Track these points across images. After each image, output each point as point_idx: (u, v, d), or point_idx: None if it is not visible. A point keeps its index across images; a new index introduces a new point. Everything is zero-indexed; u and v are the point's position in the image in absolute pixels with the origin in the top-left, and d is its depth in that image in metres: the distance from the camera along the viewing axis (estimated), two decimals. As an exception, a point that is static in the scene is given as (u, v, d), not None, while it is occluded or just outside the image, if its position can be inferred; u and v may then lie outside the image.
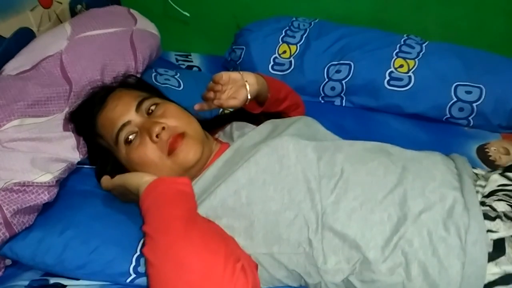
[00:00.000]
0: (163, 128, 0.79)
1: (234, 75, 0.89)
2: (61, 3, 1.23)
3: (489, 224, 0.68)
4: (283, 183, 0.74)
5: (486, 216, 0.69)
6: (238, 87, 0.88)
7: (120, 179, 0.78)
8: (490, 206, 0.71)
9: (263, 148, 0.77)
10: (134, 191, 0.74)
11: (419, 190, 0.73)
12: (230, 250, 0.65)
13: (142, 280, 0.77)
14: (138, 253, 0.79)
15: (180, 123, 0.83)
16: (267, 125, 0.91)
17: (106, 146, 0.86)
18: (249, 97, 0.88)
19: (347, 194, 0.74)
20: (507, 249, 0.66)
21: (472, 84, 1.23)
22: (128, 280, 0.78)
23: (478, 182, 0.76)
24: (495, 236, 0.67)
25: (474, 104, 1.22)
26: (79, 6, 1.31)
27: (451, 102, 1.23)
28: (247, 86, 0.88)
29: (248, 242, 0.73)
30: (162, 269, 0.62)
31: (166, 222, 0.66)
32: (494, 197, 0.73)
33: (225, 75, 0.88)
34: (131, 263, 0.78)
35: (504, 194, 0.73)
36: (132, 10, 1.26)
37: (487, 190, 0.75)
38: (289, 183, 0.74)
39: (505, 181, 0.75)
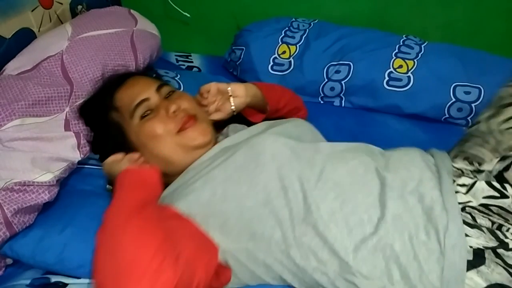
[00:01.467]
0: (179, 108, 0.85)
1: (222, 86, 0.92)
2: (61, 3, 1.24)
3: (468, 230, 0.68)
4: (258, 180, 0.74)
5: (465, 222, 0.68)
6: (225, 99, 0.92)
7: (107, 165, 0.83)
8: (471, 216, 0.70)
9: (242, 147, 0.79)
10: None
11: (398, 191, 0.73)
12: (168, 245, 0.65)
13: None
14: None
15: (195, 108, 0.88)
16: (260, 126, 0.92)
17: (117, 121, 0.88)
18: (233, 109, 0.91)
19: (327, 195, 0.73)
20: (487, 259, 0.65)
21: (471, 85, 1.23)
22: None
23: (461, 180, 0.74)
24: (475, 243, 0.66)
25: (473, 105, 1.22)
26: (79, 7, 1.31)
27: (450, 103, 1.23)
28: (231, 100, 0.91)
29: (224, 238, 0.74)
30: (98, 249, 0.66)
31: (116, 208, 0.70)
32: (478, 214, 0.71)
33: (213, 88, 0.91)
34: None
35: (488, 212, 0.71)
36: (132, 11, 1.27)
37: (472, 202, 0.72)
38: (263, 180, 0.74)
39: (493, 193, 0.72)
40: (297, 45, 1.37)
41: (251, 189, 0.74)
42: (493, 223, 0.69)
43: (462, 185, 0.74)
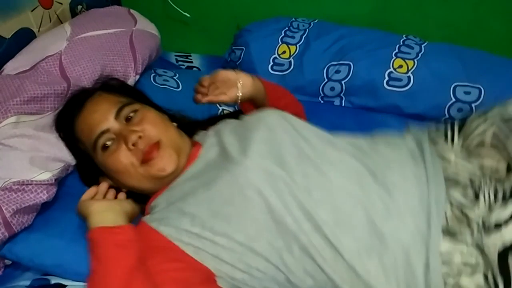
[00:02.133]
0: (140, 137, 0.80)
1: (231, 74, 0.90)
2: (61, 3, 1.24)
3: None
4: (246, 216, 0.71)
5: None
6: (231, 85, 0.90)
7: (80, 205, 0.79)
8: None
9: (225, 176, 0.74)
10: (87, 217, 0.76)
11: (389, 242, 0.69)
12: None
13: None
14: None
15: (157, 131, 0.83)
16: (236, 130, 0.86)
17: (85, 150, 0.87)
18: (239, 95, 0.89)
19: (316, 231, 0.70)
20: None
21: (471, 85, 1.23)
22: None
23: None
24: None
25: (473, 105, 1.22)
26: (79, 7, 1.31)
27: (450, 103, 1.23)
28: (239, 84, 0.89)
29: (218, 268, 0.72)
30: None
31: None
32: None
33: (222, 74, 0.90)
34: None
35: None
36: (132, 11, 1.27)
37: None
38: (253, 215, 0.71)
39: None
40: (297, 45, 1.37)
41: (241, 225, 0.71)
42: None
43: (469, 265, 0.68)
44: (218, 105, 1.23)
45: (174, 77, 1.22)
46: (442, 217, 0.69)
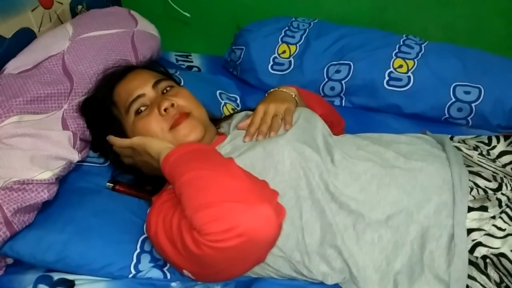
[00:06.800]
0: (172, 105, 0.84)
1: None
2: (61, 3, 1.24)
3: (478, 276, 0.69)
4: (277, 189, 0.72)
5: (478, 267, 0.70)
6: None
7: (140, 139, 0.80)
8: (485, 263, 0.70)
9: (259, 150, 0.77)
10: (154, 155, 0.76)
11: (414, 216, 0.73)
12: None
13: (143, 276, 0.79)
14: (139, 250, 0.80)
15: (189, 104, 0.87)
16: None
17: (116, 115, 0.90)
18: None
19: (340, 210, 0.74)
20: None
21: (471, 84, 1.23)
22: (129, 277, 0.79)
23: (499, 223, 0.72)
24: None
25: (473, 104, 1.22)
26: (79, 7, 1.31)
27: (450, 102, 1.23)
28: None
29: None
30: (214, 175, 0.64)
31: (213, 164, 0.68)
32: (492, 265, 0.70)
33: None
34: (132, 260, 0.79)
35: (501, 268, 0.70)
36: (132, 12, 1.27)
37: (500, 249, 0.70)
38: (281, 189, 0.73)
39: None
40: (297, 45, 1.37)
41: None
42: (501, 281, 0.69)
43: (500, 229, 0.72)
44: (220, 99, 1.23)
45: (175, 74, 1.23)
46: (467, 191, 0.74)
